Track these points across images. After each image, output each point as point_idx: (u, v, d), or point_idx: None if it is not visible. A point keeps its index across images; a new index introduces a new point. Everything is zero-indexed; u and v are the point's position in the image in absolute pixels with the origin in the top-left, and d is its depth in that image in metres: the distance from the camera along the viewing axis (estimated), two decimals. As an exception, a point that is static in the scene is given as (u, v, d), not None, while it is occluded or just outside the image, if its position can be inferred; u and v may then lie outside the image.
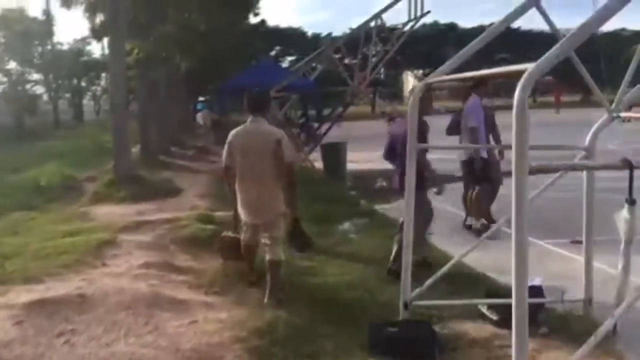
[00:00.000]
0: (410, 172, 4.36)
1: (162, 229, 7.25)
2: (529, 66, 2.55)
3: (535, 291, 4.89)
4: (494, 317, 4.63)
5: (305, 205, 9.63)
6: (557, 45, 2.57)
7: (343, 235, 7.89)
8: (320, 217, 8.79)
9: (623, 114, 4.17)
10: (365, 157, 16.81)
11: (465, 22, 73.33)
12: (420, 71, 62.35)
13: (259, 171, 4.97)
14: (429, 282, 4.50)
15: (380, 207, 9.85)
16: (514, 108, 2.50)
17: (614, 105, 4.12)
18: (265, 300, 4.82)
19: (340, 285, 5.52)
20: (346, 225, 8.65)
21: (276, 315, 4.45)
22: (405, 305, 4.43)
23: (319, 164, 14.14)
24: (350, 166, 14.05)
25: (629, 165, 2.86)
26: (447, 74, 3.76)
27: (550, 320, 4.54)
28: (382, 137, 6.77)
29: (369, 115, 40.62)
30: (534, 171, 2.62)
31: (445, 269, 4.54)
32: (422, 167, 5.16)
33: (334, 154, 13.59)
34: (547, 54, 2.54)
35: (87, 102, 60.36)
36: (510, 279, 5.64)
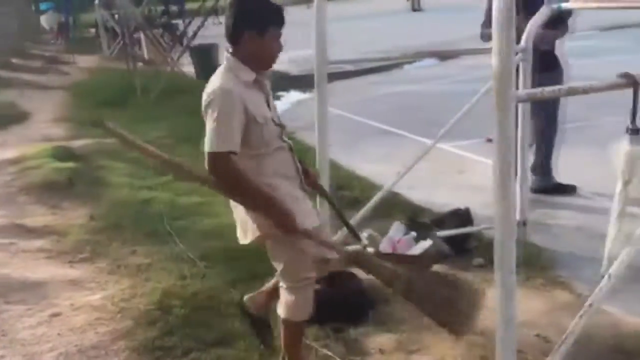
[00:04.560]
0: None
1: (7, 173, 5.87)
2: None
3: (460, 214, 4.32)
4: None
5: (178, 121, 8.51)
6: None
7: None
8: (199, 134, 7.70)
9: (567, 4, 3.44)
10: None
11: None
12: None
13: None
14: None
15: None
16: None
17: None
18: None
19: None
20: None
21: (169, 287, 3.53)
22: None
23: (189, 69, 12.73)
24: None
25: (633, 82, 2.14)
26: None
27: (483, 248, 3.99)
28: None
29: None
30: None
31: (372, 203, 3.79)
32: None
33: (206, 57, 12.19)
34: None
35: None
36: (424, 195, 5.29)
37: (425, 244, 3.39)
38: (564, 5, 3.44)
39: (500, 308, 2.05)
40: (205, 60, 12.16)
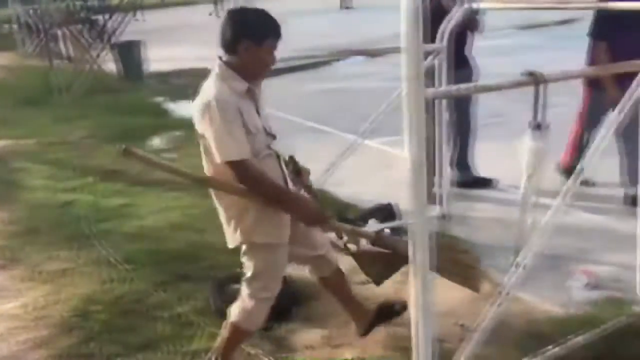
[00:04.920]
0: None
1: None
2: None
3: (385, 210, 4.41)
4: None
5: (101, 120, 8.26)
6: None
7: (155, 156, 6.74)
8: (124, 134, 7.52)
9: (482, 4, 3.59)
10: (169, 55, 15.14)
11: None
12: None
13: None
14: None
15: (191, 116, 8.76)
16: None
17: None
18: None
19: (164, 228, 4.56)
20: (156, 141, 7.52)
21: (91, 292, 3.43)
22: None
23: (111, 67, 12.34)
24: (154, 66, 12.44)
25: (535, 80, 2.26)
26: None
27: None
28: (184, 29, 5.54)
29: (159, 3, 37.28)
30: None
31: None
32: None
33: (129, 54, 11.87)
34: None
35: None
36: (351, 192, 5.36)
37: None
38: (478, 5, 3.59)
39: (416, 298, 2.12)
40: (129, 58, 11.86)
